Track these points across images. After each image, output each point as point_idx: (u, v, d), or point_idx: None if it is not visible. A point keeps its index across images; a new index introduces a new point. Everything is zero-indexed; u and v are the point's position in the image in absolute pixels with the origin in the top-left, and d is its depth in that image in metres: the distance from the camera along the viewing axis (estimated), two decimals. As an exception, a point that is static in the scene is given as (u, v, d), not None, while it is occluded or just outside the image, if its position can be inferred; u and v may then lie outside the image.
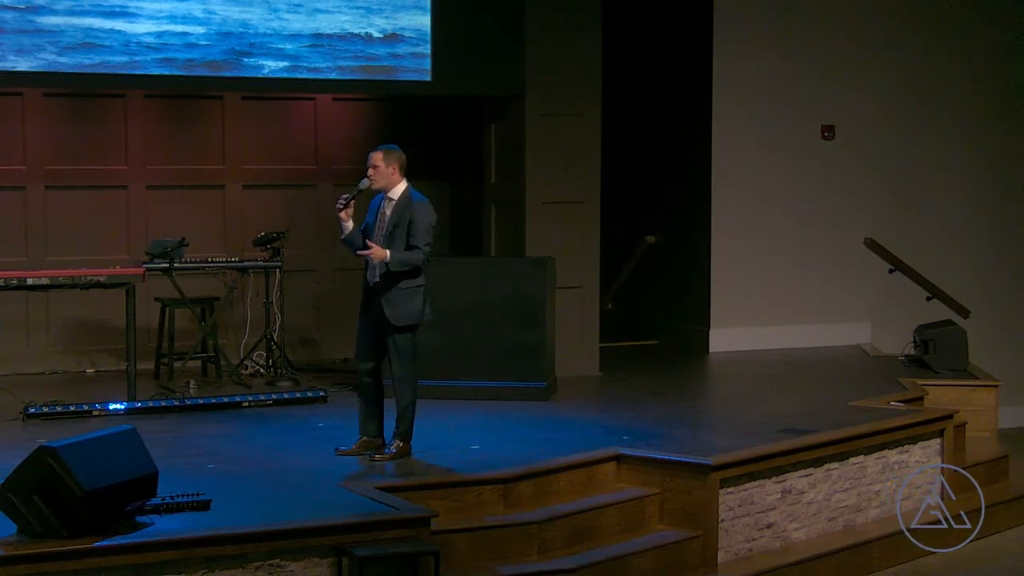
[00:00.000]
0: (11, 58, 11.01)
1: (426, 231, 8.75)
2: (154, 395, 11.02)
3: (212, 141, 13.17)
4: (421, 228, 8.74)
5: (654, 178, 14.64)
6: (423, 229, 8.74)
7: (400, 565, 7.27)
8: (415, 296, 8.78)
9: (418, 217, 8.77)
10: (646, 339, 14.58)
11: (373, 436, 9.01)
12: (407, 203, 8.83)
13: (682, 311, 14.43)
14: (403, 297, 8.75)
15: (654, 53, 14.59)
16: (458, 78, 12.42)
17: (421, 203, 8.84)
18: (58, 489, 6.77)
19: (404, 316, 8.76)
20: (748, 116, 14.09)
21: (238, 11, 11.72)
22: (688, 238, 14.32)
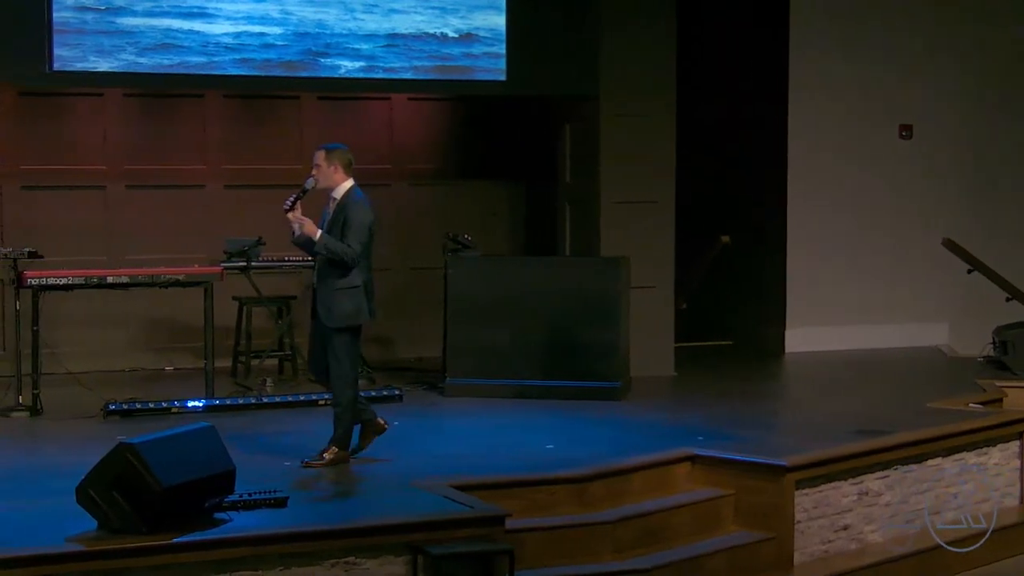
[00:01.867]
0: (92, 59, 11.15)
1: (359, 230, 8.52)
2: (231, 393, 11.12)
3: (288, 141, 13.26)
4: (354, 227, 8.52)
5: (729, 177, 14.57)
6: (356, 228, 8.51)
7: (474, 564, 7.28)
8: (350, 297, 8.57)
9: (352, 216, 8.56)
10: (721, 339, 14.52)
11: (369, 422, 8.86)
12: (346, 202, 8.64)
13: (757, 311, 14.35)
14: (337, 298, 8.56)
15: (729, 52, 14.53)
16: (533, 78, 12.43)
17: (358, 202, 8.63)
18: (137, 485, 6.84)
19: (338, 317, 8.56)
20: (824, 115, 14.00)
21: (314, 12, 11.80)
22: (764, 237, 14.25)
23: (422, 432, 9.96)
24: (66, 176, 12.49)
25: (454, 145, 13.86)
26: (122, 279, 10.74)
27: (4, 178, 12.38)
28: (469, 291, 11.36)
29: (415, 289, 13.36)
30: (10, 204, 12.35)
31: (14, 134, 12.40)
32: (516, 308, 11.28)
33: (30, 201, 12.42)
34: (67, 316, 11.84)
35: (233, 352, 12.19)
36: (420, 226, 13.45)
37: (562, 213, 13.15)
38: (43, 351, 10.58)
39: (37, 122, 12.41)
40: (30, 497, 7.79)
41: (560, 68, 12.44)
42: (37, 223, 12.21)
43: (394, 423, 10.20)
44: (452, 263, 11.48)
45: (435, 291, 12.05)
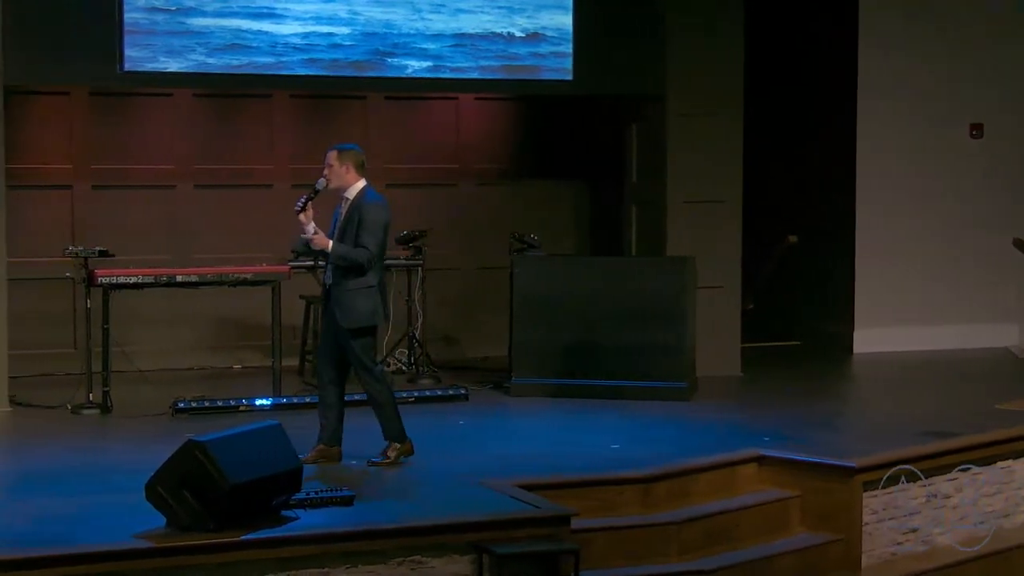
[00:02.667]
0: (162, 59, 11.24)
1: (374, 231, 8.46)
2: (298, 391, 11.17)
3: (356, 140, 13.17)
4: (368, 228, 8.45)
5: (797, 176, 14.49)
6: (370, 229, 8.45)
7: (540, 563, 7.29)
8: (365, 297, 8.49)
9: (367, 216, 8.48)
10: (788, 340, 14.43)
11: (328, 445, 8.79)
12: (359, 202, 8.57)
13: (825, 311, 14.26)
14: (352, 298, 8.48)
15: (798, 50, 14.45)
16: (599, 77, 12.42)
17: (372, 203, 8.55)
18: (206, 483, 6.89)
19: (353, 318, 8.49)
20: (893, 113, 13.89)
21: (382, 12, 11.84)
22: (831, 237, 14.15)
23: (487, 431, 9.98)
24: (136, 176, 12.60)
25: (520, 145, 13.86)
26: (191, 278, 10.83)
27: (76, 178, 12.50)
28: (535, 291, 11.36)
29: (481, 289, 13.38)
30: (81, 203, 12.48)
31: (85, 134, 12.52)
32: (582, 308, 11.27)
33: (101, 200, 12.53)
34: (137, 314, 11.94)
35: (300, 350, 12.26)
36: (486, 226, 13.47)
37: (628, 213, 13.12)
38: (113, 349, 10.69)
39: (108, 122, 12.53)
40: (100, 494, 7.87)
41: (627, 67, 12.42)
42: (107, 222, 12.33)
43: (459, 422, 10.27)
44: (518, 263, 11.49)
45: (501, 291, 12.06)
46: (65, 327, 12.10)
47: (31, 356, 11.79)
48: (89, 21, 11.00)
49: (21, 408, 10.68)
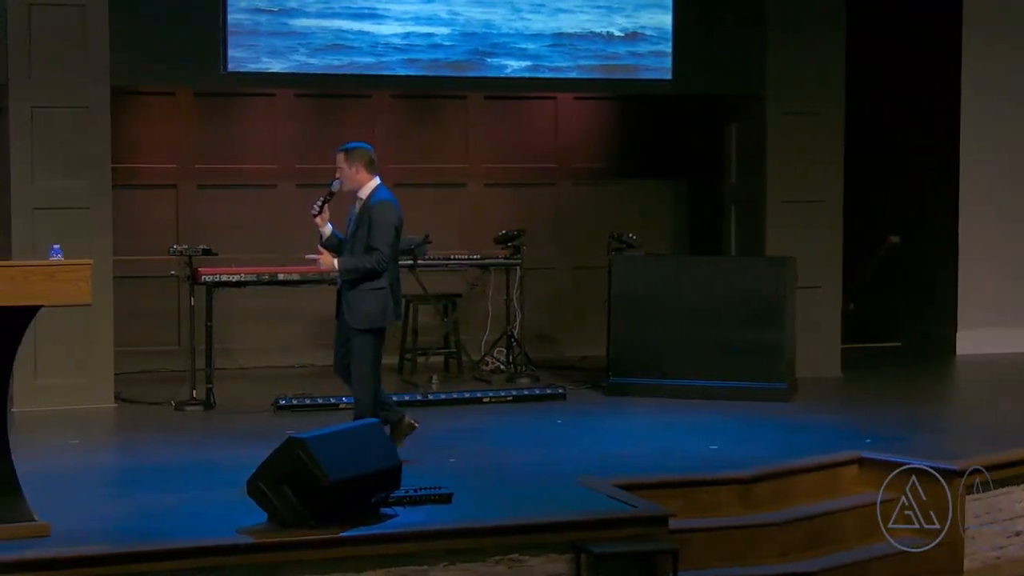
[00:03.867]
0: (265, 60, 11.36)
1: (384, 232, 8.34)
2: (398, 389, 11.24)
3: (455, 140, 13.38)
4: (378, 229, 8.33)
5: (899, 176, 14.33)
6: (380, 230, 8.33)
7: (638, 563, 7.27)
8: (375, 298, 8.37)
9: (376, 217, 8.37)
10: (889, 341, 14.28)
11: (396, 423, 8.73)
12: (369, 203, 8.45)
13: (927, 312, 14.09)
14: (362, 299, 8.36)
15: (900, 48, 14.29)
16: (699, 77, 12.38)
17: (381, 203, 8.43)
18: (306, 479, 6.95)
19: (363, 319, 8.38)
20: (998, 113, 13.69)
21: (481, 12, 11.88)
22: (934, 237, 13.98)
23: (585, 431, 9.98)
24: (239, 175, 12.75)
25: (619, 144, 13.85)
26: (293, 276, 10.95)
27: (180, 177, 12.67)
28: (633, 290, 11.34)
29: (579, 288, 13.39)
30: (185, 203, 12.64)
31: (190, 134, 12.69)
32: (680, 307, 11.23)
33: (204, 199, 12.70)
34: (239, 312, 12.08)
35: (400, 349, 12.34)
36: (584, 225, 13.47)
37: (727, 212, 13.06)
38: (216, 347, 10.82)
39: (211, 122, 12.69)
40: (203, 489, 7.97)
41: (727, 67, 12.37)
42: (211, 221, 12.49)
43: (557, 421, 10.27)
44: (616, 262, 11.48)
45: (599, 290, 12.06)
46: (169, 325, 12.26)
47: (136, 353, 11.97)
48: (194, 23, 11.15)
49: (126, 404, 10.85)
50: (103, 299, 10.37)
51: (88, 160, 10.69)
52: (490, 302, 12.67)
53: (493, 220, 12.86)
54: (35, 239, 10.35)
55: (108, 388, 10.81)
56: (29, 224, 10.56)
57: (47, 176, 10.62)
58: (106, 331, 10.77)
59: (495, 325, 12.62)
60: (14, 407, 10.15)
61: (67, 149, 10.63)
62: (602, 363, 11.97)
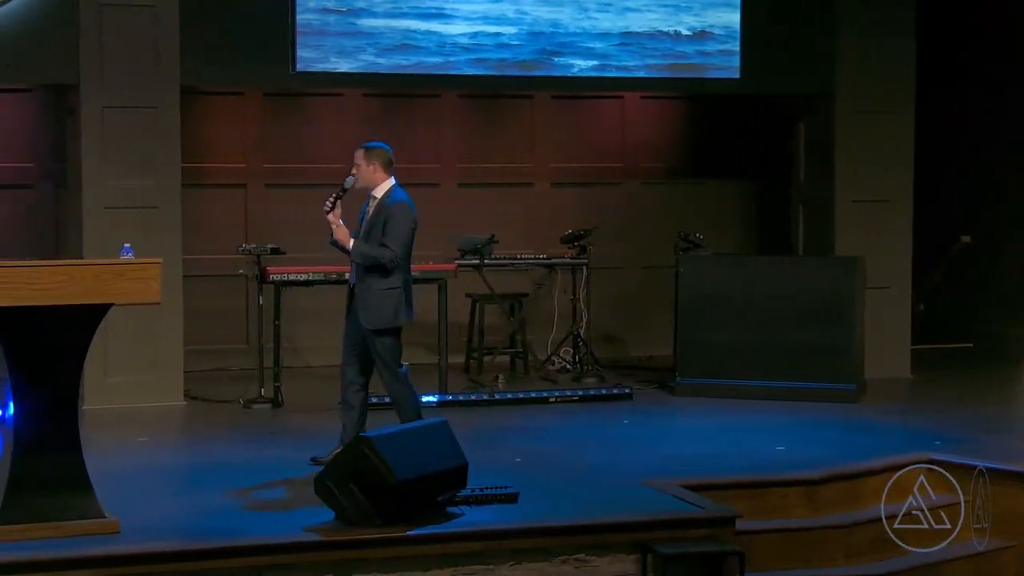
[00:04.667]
0: (333, 59, 11.41)
1: (399, 232, 8.32)
2: (464, 388, 11.26)
3: (521, 140, 13.39)
4: (393, 228, 8.31)
5: (970, 175, 14.19)
6: (396, 230, 8.31)
7: (704, 564, 7.24)
8: (389, 299, 8.34)
9: (392, 217, 8.34)
10: (960, 342, 14.15)
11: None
12: (386, 202, 8.42)
13: (999, 313, 13.94)
14: (376, 299, 8.34)
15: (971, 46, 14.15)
16: (767, 75, 12.32)
17: (398, 203, 8.40)
18: (373, 478, 6.97)
19: (377, 319, 8.35)
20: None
21: (549, 11, 11.88)
22: (1007, 237, 13.84)
23: (652, 431, 9.96)
24: (306, 174, 12.81)
25: (686, 144, 13.81)
26: (359, 276, 10.96)
27: (249, 176, 12.76)
28: (700, 290, 11.30)
29: (646, 288, 13.37)
30: (254, 202, 12.73)
31: (258, 134, 12.77)
32: (748, 308, 11.18)
33: (273, 199, 12.77)
34: (306, 311, 12.14)
35: (466, 348, 12.36)
36: (651, 225, 13.44)
37: (795, 212, 13.00)
38: (284, 345, 10.88)
39: (280, 122, 12.76)
40: (270, 487, 8.02)
41: (795, 65, 12.31)
42: (279, 220, 12.56)
43: (623, 421, 10.26)
44: (683, 262, 11.44)
45: (666, 290, 12.03)
46: (238, 323, 12.35)
47: (205, 351, 12.07)
48: (262, 23, 11.22)
49: (195, 402, 10.93)
50: (172, 298, 10.47)
51: (158, 160, 10.79)
52: (556, 302, 12.67)
53: (559, 220, 12.85)
54: (106, 238, 10.45)
55: (177, 386, 10.90)
56: (100, 223, 10.67)
57: (118, 176, 10.73)
58: (175, 330, 10.86)
59: (561, 325, 12.62)
60: (85, 405, 10.27)
61: (137, 149, 10.73)
62: (669, 363, 11.94)
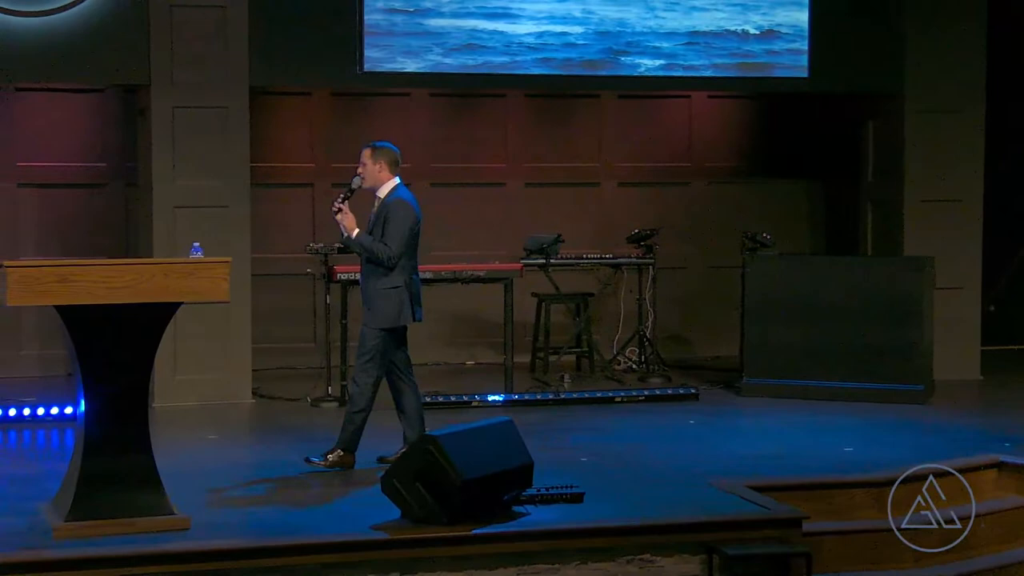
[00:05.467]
0: (400, 59, 11.45)
1: (398, 231, 8.30)
2: (530, 388, 11.28)
3: (588, 139, 13.38)
4: (392, 227, 8.30)
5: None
6: (394, 228, 8.29)
7: (771, 566, 7.21)
8: (391, 298, 8.34)
9: (392, 216, 8.35)
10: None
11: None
12: (387, 201, 8.42)
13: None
14: (379, 298, 8.34)
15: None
16: (835, 74, 12.25)
17: (398, 201, 8.40)
18: (439, 477, 7.00)
19: (379, 319, 8.36)
20: None
21: (615, 10, 11.87)
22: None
23: (718, 431, 9.93)
24: (373, 174, 12.83)
25: (753, 143, 13.75)
26: (426, 275, 10.98)
27: (317, 176, 12.83)
28: (767, 290, 11.26)
29: (713, 288, 13.32)
30: (322, 201, 12.76)
31: (326, 134, 12.84)
32: (815, 308, 11.13)
33: (340, 198, 12.82)
34: (373, 310, 12.18)
35: (532, 348, 12.38)
36: (718, 225, 13.40)
37: (863, 212, 12.91)
38: (351, 344, 10.92)
39: (347, 122, 12.82)
40: (337, 485, 8.07)
41: (864, 64, 12.22)
42: (346, 220, 12.60)
43: (689, 421, 10.23)
44: (750, 262, 11.40)
45: (733, 290, 12.00)
46: (306, 322, 12.41)
47: (273, 350, 12.15)
48: (331, 24, 11.27)
49: (263, 400, 11.01)
50: (241, 296, 10.55)
51: (227, 159, 10.88)
52: (622, 301, 12.66)
53: (626, 219, 12.84)
54: (175, 237, 10.56)
55: (246, 384, 10.99)
56: (170, 222, 10.77)
57: (187, 175, 10.82)
58: (244, 328, 10.94)
59: (627, 324, 12.61)
60: (154, 403, 10.38)
61: (207, 149, 10.82)
62: (735, 363, 11.90)
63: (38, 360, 12.04)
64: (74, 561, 6.52)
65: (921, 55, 12.07)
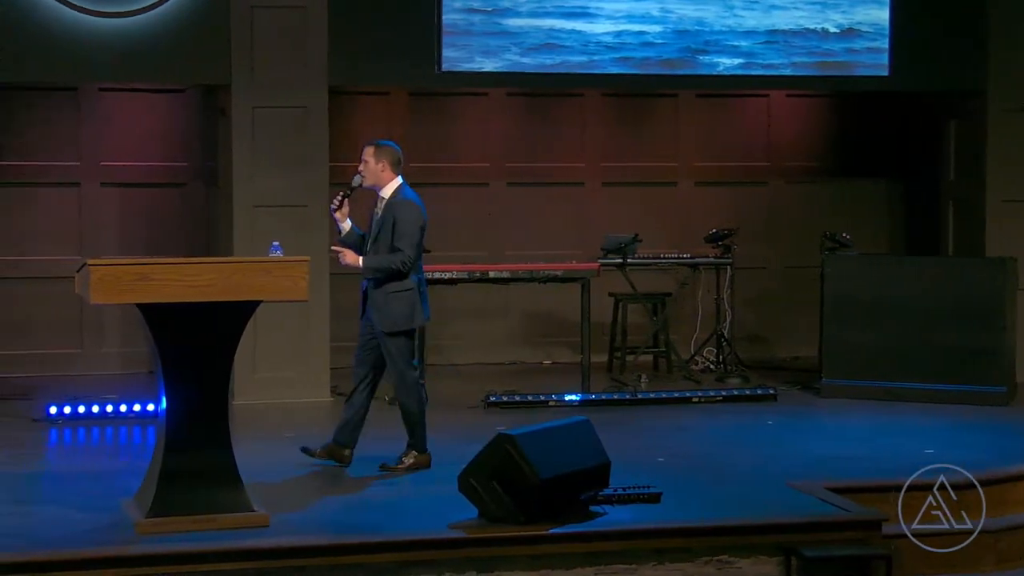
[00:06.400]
0: (478, 59, 11.48)
1: (409, 232, 8.18)
2: (607, 387, 11.26)
3: (665, 139, 13.34)
4: (402, 229, 8.17)
5: None
6: (404, 230, 8.17)
7: (850, 568, 7.17)
8: (402, 300, 8.22)
9: (401, 217, 8.20)
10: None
11: (341, 444, 8.52)
12: (393, 202, 8.28)
13: None
14: (390, 301, 8.20)
15: None
16: (917, 73, 12.14)
17: (405, 202, 8.27)
18: (515, 476, 7.01)
19: (392, 322, 8.24)
20: None
21: (694, 9, 11.83)
22: None
23: (797, 432, 9.87)
24: (450, 173, 12.89)
25: (832, 142, 13.65)
26: (503, 274, 11.04)
27: (394, 176, 12.86)
28: (846, 291, 11.18)
29: (791, 288, 13.24)
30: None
31: (404, 133, 12.86)
32: (895, 309, 11.03)
33: (418, 197, 12.86)
34: (450, 309, 12.23)
35: (609, 347, 12.36)
36: (796, 224, 13.32)
37: (944, 211, 12.79)
38: (428, 343, 10.97)
39: (425, 121, 12.86)
40: (415, 484, 8.11)
41: (945, 62, 12.11)
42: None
43: (768, 422, 10.18)
44: (829, 262, 11.32)
45: (811, 290, 11.92)
46: (384, 320, 12.45)
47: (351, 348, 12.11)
48: (409, 23, 11.32)
49: (342, 398, 11.02)
50: (320, 295, 10.62)
51: (306, 159, 10.95)
52: (700, 301, 12.62)
53: (703, 219, 12.79)
54: (255, 236, 10.63)
55: (324, 382, 11.05)
56: (249, 221, 10.85)
57: (267, 175, 10.91)
58: (323, 326, 11.01)
59: (705, 324, 12.56)
60: (234, 400, 10.46)
61: (286, 148, 10.90)
62: (814, 364, 11.82)
63: (120, 357, 12.18)
64: (155, 557, 6.60)
65: (1005, 52, 11.93)
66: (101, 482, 8.13)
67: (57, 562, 6.50)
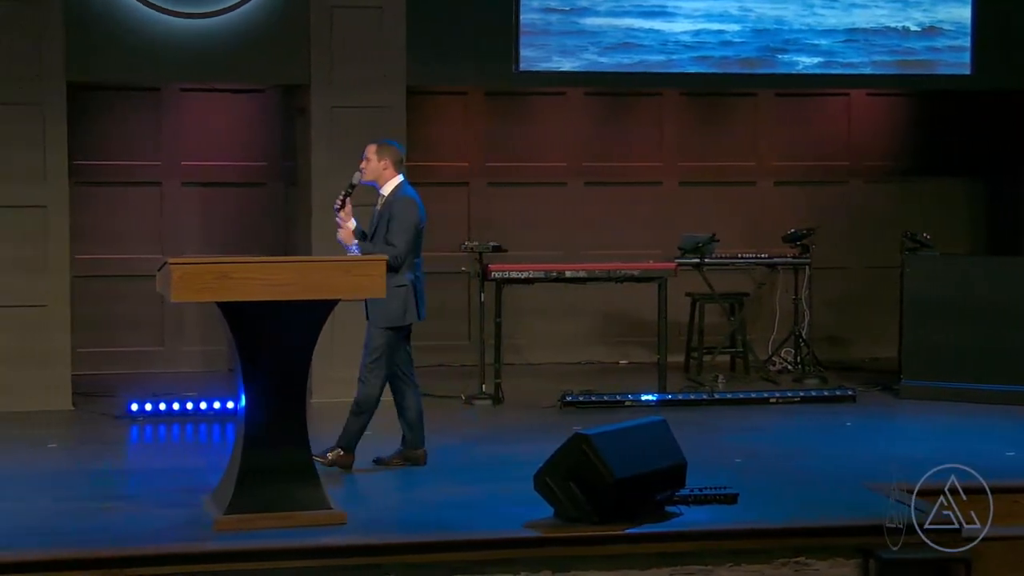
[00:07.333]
0: (556, 59, 11.50)
1: (403, 229, 8.21)
2: (683, 387, 11.23)
3: (744, 138, 13.28)
4: (397, 225, 8.22)
5: None
6: (399, 227, 8.21)
7: (929, 571, 7.11)
8: (397, 297, 8.18)
9: (397, 214, 8.25)
10: None
11: (413, 447, 8.53)
12: (391, 199, 8.34)
13: None
14: (386, 296, 7.96)
15: None
16: (999, 71, 12.04)
17: (403, 199, 8.32)
18: (591, 475, 7.01)
19: (384, 318, 8.25)
20: None
21: (772, 8, 11.78)
22: None
23: (875, 433, 9.80)
24: (528, 173, 12.90)
25: (913, 141, 13.53)
26: (579, 274, 11.03)
27: (472, 175, 12.91)
28: (926, 291, 11.07)
29: (871, 288, 13.14)
30: (477, 200, 12.87)
31: (481, 133, 12.91)
32: (976, 309, 10.91)
33: (495, 197, 12.90)
34: (527, 308, 12.25)
35: (686, 347, 12.32)
36: (876, 224, 13.21)
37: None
38: (505, 342, 10.99)
39: (502, 121, 12.88)
40: (491, 482, 8.11)
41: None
42: (501, 218, 12.68)
43: (846, 423, 10.11)
44: (909, 262, 11.22)
45: (891, 291, 11.81)
46: (460, 320, 12.50)
47: (428, 347, 12.19)
48: (487, 23, 11.35)
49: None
50: (397, 294, 10.63)
51: (384, 158, 10.98)
52: (778, 302, 12.54)
53: (782, 219, 12.72)
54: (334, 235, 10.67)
55: (401, 382, 11.08)
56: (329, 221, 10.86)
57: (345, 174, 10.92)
58: (400, 326, 11.04)
59: (783, 325, 12.49)
60: (312, 398, 10.52)
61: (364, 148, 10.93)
62: (893, 365, 11.72)
63: (200, 355, 12.29)
64: (233, 553, 6.65)
65: (1089, 50, 11.81)
66: (181, 479, 8.21)
67: (137, 558, 6.58)
